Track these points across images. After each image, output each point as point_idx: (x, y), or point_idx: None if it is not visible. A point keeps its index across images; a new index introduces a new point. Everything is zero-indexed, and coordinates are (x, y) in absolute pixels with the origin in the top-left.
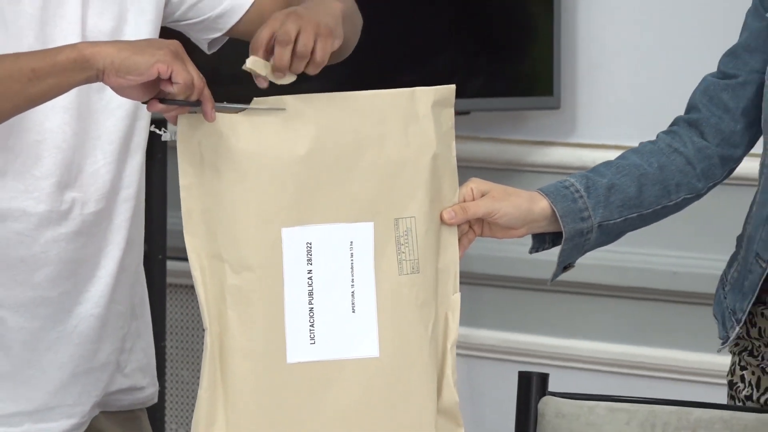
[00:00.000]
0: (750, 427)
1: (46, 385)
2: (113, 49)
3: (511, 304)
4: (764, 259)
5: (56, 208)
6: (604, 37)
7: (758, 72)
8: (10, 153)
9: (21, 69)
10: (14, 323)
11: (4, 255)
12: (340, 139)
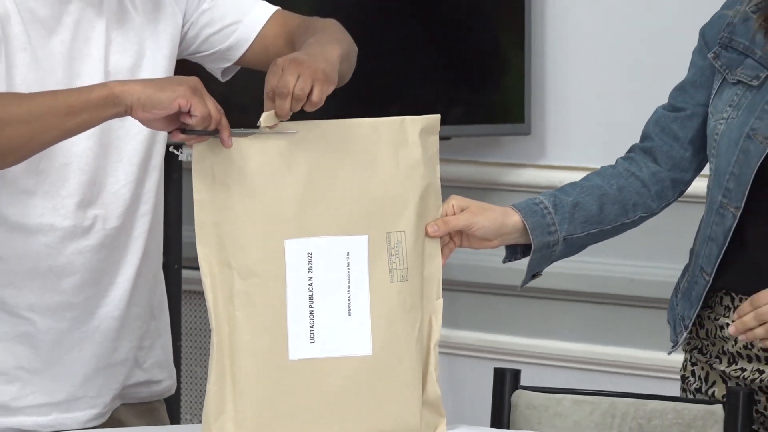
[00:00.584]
0: (699, 416)
1: (71, 379)
2: (139, 87)
3: (487, 308)
4: (707, 272)
5: (80, 224)
6: (569, 71)
7: (703, 105)
8: (40, 175)
9: (58, 105)
10: (43, 325)
11: (34, 265)
12: (339, 161)
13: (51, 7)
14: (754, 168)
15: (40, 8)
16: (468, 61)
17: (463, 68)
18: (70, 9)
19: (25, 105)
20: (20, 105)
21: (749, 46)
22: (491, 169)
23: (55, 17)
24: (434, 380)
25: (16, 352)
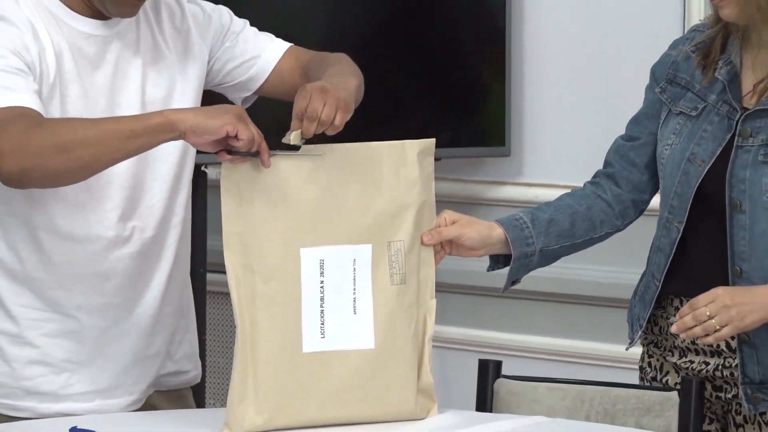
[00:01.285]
0: (657, 402)
1: (112, 369)
2: (192, 115)
3: (473, 308)
4: (657, 278)
5: (121, 234)
6: (544, 101)
7: (654, 134)
8: (87, 192)
9: (122, 130)
10: (88, 323)
11: (82, 270)
12: (347, 179)
13: (96, 46)
14: (693, 187)
15: (87, 47)
16: (455, 92)
17: (451, 98)
18: (111, 48)
19: (92, 129)
20: (87, 129)
21: (690, 81)
22: (476, 187)
23: (100, 55)
24: (428, 370)
25: (65, 346)
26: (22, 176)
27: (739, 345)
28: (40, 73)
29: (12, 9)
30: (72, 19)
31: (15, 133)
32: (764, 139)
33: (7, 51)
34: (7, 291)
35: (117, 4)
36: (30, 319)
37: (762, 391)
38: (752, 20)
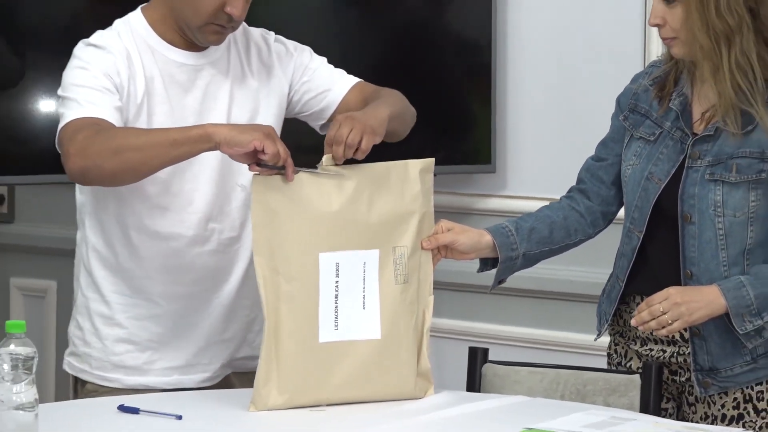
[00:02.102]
0: (622, 383)
1: (188, 349)
2: (226, 129)
3: (465, 303)
4: (621, 279)
5: (201, 234)
6: (525, 125)
7: (619, 155)
8: (174, 197)
9: (166, 139)
10: (170, 309)
11: (165, 264)
12: (360, 194)
13: (187, 74)
14: (651, 202)
15: (178, 74)
16: (449, 118)
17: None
18: (202, 74)
19: (142, 137)
20: (138, 137)
21: (648, 110)
22: (466, 199)
23: (191, 80)
24: (426, 357)
25: (148, 328)
26: (83, 174)
27: (691, 337)
28: (128, 94)
29: (112, 40)
30: (167, 50)
31: (81, 138)
32: (710, 161)
33: (100, 72)
34: (103, 279)
35: (204, 33)
36: (120, 304)
37: (711, 376)
38: (696, 57)
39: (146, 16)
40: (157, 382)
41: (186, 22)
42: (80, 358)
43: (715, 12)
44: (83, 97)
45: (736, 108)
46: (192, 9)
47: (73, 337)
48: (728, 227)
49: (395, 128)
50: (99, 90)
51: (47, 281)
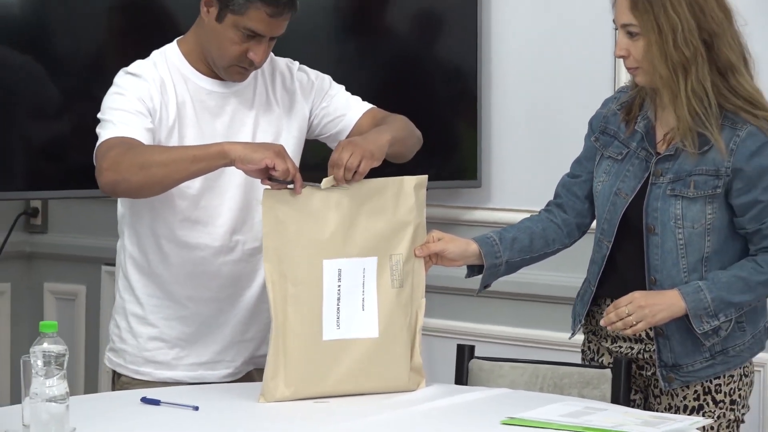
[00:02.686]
0: (594, 377)
1: (213, 347)
2: (241, 147)
3: (454, 305)
4: (592, 284)
5: (226, 245)
6: (507, 145)
7: (592, 173)
8: (202, 211)
9: (187, 155)
10: (197, 311)
11: (194, 270)
12: (360, 207)
13: (215, 100)
14: (619, 215)
15: (208, 100)
16: (439, 138)
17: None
18: (230, 101)
19: (165, 154)
20: (162, 153)
21: (617, 132)
22: (455, 211)
23: (219, 107)
24: (418, 353)
25: (177, 327)
26: (114, 187)
27: (656, 336)
28: (160, 117)
29: (148, 69)
30: (198, 79)
31: (113, 154)
32: (671, 178)
33: (134, 97)
34: (137, 283)
35: (229, 73)
36: (152, 305)
37: (674, 371)
38: (657, 85)
39: (181, 48)
40: (184, 377)
41: (213, 61)
42: (117, 353)
43: (673, 45)
44: (118, 118)
45: (693, 131)
46: (219, 52)
47: (111, 334)
48: (687, 237)
49: (398, 151)
50: (132, 113)
51: (77, 286)
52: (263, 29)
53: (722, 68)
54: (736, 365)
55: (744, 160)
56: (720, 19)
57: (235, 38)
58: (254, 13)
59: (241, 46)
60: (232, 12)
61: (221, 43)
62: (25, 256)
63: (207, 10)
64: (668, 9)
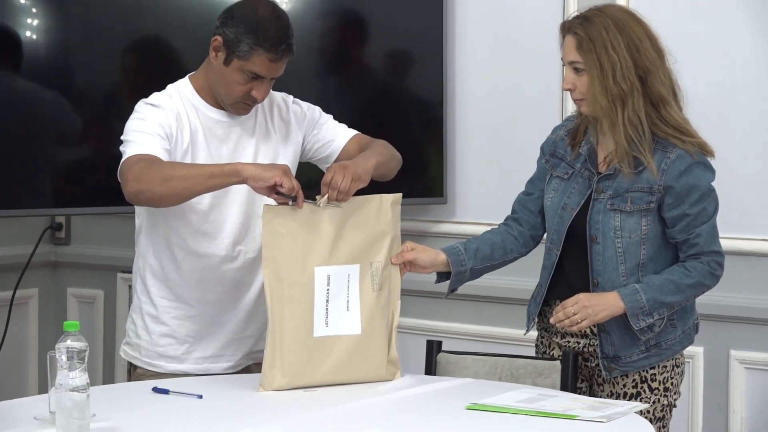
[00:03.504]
0: (546, 368)
1: (216, 343)
2: (252, 167)
3: (425, 306)
4: (543, 287)
5: (230, 254)
6: (470, 167)
7: (543, 191)
8: (210, 224)
9: (204, 172)
10: (203, 311)
11: (202, 276)
12: (345, 221)
13: (223, 129)
14: (566, 226)
15: (216, 128)
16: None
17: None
18: (235, 129)
19: (185, 169)
20: (182, 168)
21: (564, 155)
22: (425, 224)
23: (226, 134)
24: (394, 348)
25: (186, 326)
26: (137, 196)
27: (599, 332)
28: (176, 141)
29: (165, 100)
30: (208, 110)
31: (138, 168)
32: (611, 194)
33: (155, 123)
34: (152, 287)
35: (234, 108)
36: (165, 306)
37: (614, 363)
38: (598, 115)
39: (192, 83)
40: (191, 369)
41: (221, 97)
42: (132, 347)
43: (612, 80)
44: (140, 139)
45: (629, 154)
46: (226, 90)
47: (128, 330)
48: (625, 246)
49: (383, 172)
50: (153, 135)
51: (96, 290)
52: (265, 72)
53: (655, 101)
54: (668, 357)
55: (674, 178)
56: (653, 58)
57: (240, 79)
58: (257, 59)
59: (246, 86)
60: (237, 57)
61: (228, 83)
62: (50, 265)
63: (215, 54)
64: (609, 49)
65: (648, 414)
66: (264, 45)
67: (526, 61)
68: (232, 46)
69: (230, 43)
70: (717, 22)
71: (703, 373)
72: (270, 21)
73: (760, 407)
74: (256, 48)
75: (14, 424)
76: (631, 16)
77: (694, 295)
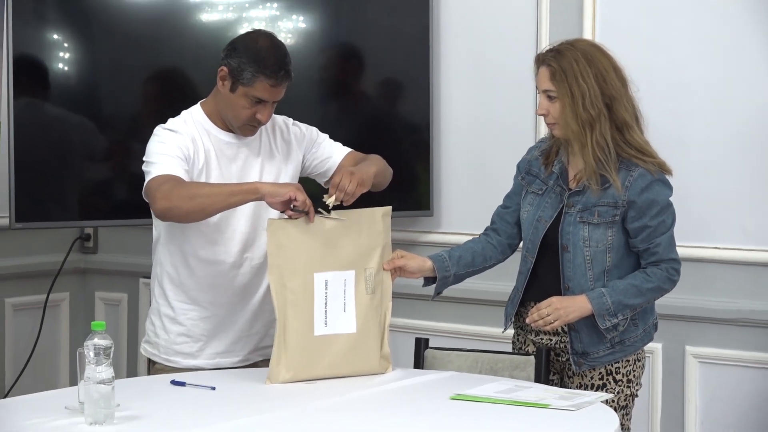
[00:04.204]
0: (522, 362)
1: (226, 341)
2: (269, 185)
3: (414, 307)
4: (520, 290)
5: (238, 261)
6: (454, 183)
7: (519, 204)
8: (221, 234)
9: (226, 190)
10: (215, 312)
11: (214, 281)
12: (341, 231)
13: (232, 150)
14: (540, 236)
15: (226, 150)
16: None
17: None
18: (242, 150)
19: (209, 188)
20: (206, 188)
21: (538, 173)
22: (413, 234)
23: (234, 154)
24: (386, 344)
25: (200, 326)
26: (167, 212)
27: (569, 331)
28: (192, 162)
29: (181, 126)
30: (218, 133)
31: (166, 187)
32: (580, 208)
33: (175, 146)
34: (170, 291)
35: (241, 130)
36: (181, 309)
37: (583, 358)
38: (569, 137)
39: (204, 109)
40: (204, 364)
41: (229, 121)
42: (152, 345)
43: (582, 107)
44: (163, 161)
45: (596, 173)
46: (233, 114)
47: (147, 330)
48: (593, 254)
49: (379, 181)
50: (174, 157)
51: (120, 294)
52: (267, 96)
53: (619, 125)
54: (631, 352)
55: (636, 194)
56: (618, 87)
57: (245, 104)
58: (259, 85)
59: (251, 110)
60: (242, 84)
61: (235, 108)
62: (80, 272)
63: (222, 83)
64: (579, 79)
65: (613, 403)
66: (265, 72)
67: (503, 89)
68: (237, 75)
69: (235, 72)
70: (672, 54)
71: (662, 366)
72: (269, 51)
73: (712, 396)
74: (258, 75)
75: (48, 413)
76: (598, 50)
77: (654, 298)
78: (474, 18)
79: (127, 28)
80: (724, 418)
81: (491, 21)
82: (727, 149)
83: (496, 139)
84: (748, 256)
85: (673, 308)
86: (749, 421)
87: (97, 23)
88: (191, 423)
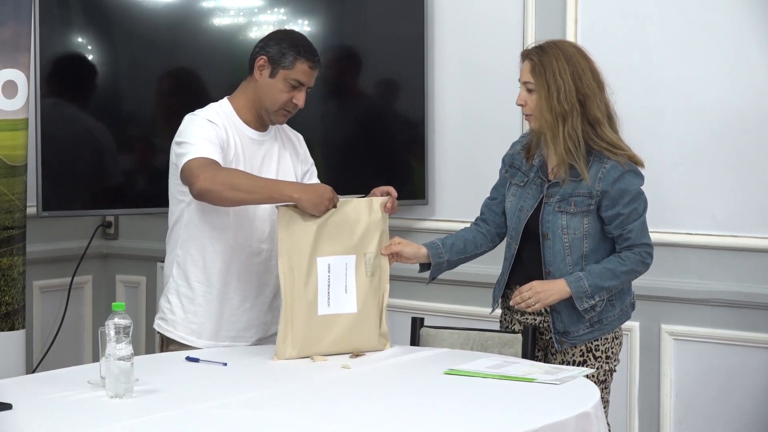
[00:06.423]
0: (509, 340)
1: (238, 326)
2: (307, 196)
3: (410, 289)
4: (505, 274)
5: (255, 250)
6: (447, 174)
7: (504, 195)
8: (245, 234)
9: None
10: (231, 296)
11: (231, 268)
12: (344, 219)
13: (255, 144)
14: (522, 225)
15: (249, 144)
16: (396, 169)
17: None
18: (264, 145)
19: (251, 183)
20: (248, 182)
21: (520, 166)
22: (409, 222)
23: (257, 148)
24: (384, 323)
25: (215, 308)
26: (205, 194)
27: (551, 311)
28: (225, 151)
29: (214, 116)
30: (243, 128)
31: (210, 169)
32: (558, 198)
33: (213, 133)
34: (191, 273)
35: (276, 116)
36: (200, 290)
37: (564, 336)
38: (543, 129)
39: (232, 103)
40: (216, 345)
41: (265, 108)
42: (167, 322)
43: (556, 100)
44: (201, 143)
45: (566, 162)
46: (271, 100)
47: (163, 308)
48: (571, 241)
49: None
50: (212, 143)
51: (139, 277)
52: (305, 79)
53: (591, 121)
54: (609, 331)
55: (609, 184)
56: (593, 87)
57: (284, 88)
58: (300, 67)
59: (289, 94)
60: (283, 68)
61: (274, 93)
62: (102, 256)
63: (260, 72)
64: (556, 75)
65: (593, 377)
66: (305, 56)
67: (491, 88)
68: (278, 60)
69: (275, 58)
70: (648, 55)
71: (639, 343)
72: (305, 39)
73: (686, 371)
74: (299, 58)
75: (72, 387)
76: (579, 52)
77: (629, 280)
78: (465, 23)
79: (145, 32)
80: (696, 391)
81: (481, 25)
82: (697, 143)
83: (485, 135)
84: (717, 241)
85: (650, 289)
86: (720, 392)
87: (118, 27)
88: (205, 395)
